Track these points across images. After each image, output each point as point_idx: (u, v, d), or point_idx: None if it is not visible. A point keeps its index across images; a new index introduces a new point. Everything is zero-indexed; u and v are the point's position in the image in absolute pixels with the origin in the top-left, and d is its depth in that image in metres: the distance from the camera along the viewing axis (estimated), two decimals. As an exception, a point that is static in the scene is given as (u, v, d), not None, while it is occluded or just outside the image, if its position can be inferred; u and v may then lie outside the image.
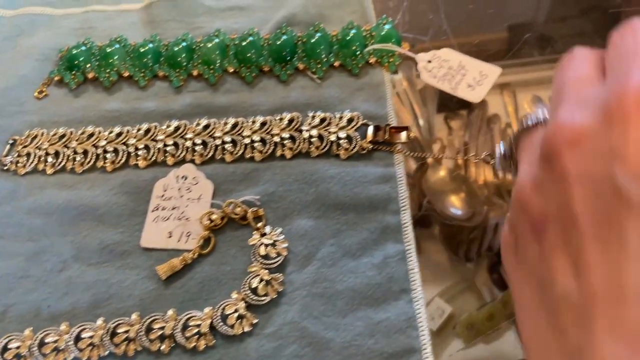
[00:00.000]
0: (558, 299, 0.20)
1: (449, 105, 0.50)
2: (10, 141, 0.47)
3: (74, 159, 0.45)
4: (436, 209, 0.46)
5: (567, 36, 0.54)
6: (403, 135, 0.43)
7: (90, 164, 0.44)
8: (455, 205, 0.47)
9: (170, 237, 0.40)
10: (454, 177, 0.48)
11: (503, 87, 0.52)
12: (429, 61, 0.49)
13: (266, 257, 0.39)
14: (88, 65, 0.50)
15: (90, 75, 0.50)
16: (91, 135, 0.46)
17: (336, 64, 0.49)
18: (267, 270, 0.38)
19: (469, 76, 0.48)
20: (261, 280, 0.37)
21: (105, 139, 0.45)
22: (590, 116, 0.20)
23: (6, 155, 0.46)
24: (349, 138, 0.44)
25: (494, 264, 0.46)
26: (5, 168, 0.45)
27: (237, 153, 0.44)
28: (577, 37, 0.54)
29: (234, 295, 0.37)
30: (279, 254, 0.39)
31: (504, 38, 0.54)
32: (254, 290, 0.37)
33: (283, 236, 0.40)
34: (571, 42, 0.54)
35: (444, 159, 0.45)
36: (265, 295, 0.37)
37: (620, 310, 0.18)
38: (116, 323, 0.37)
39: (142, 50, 0.50)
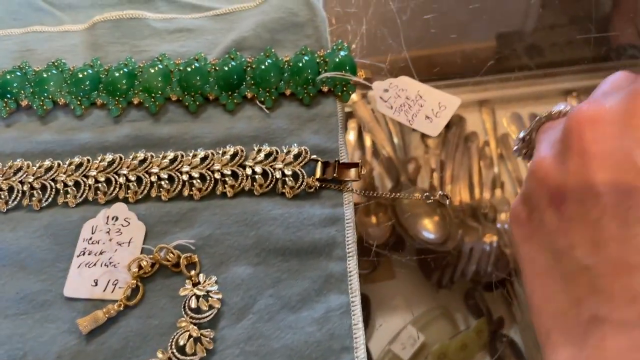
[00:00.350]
0: (575, 269, 0.21)
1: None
2: None
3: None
4: (409, 232, 0.43)
5: (555, 45, 0.52)
6: (352, 172, 0.40)
7: (16, 202, 0.41)
8: (429, 229, 0.44)
9: (95, 285, 0.37)
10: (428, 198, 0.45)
11: (482, 104, 0.50)
12: (386, 90, 0.46)
13: (197, 310, 0.35)
14: (22, 92, 0.47)
15: (23, 103, 0.46)
16: (19, 169, 0.42)
17: (287, 92, 0.46)
18: (196, 326, 0.35)
19: (427, 107, 0.45)
20: (190, 337, 0.34)
21: (33, 175, 0.42)
22: (614, 100, 0.21)
23: None
24: (294, 175, 0.41)
25: (469, 291, 0.43)
26: None
27: (174, 190, 0.41)
28: (565, 45, 0.52)
29: (160, 355, 0.34)
30: (211, 307, 0.35)
31: (476, 56, 0.51)
32: (182, 349, 0.34)
33: (217, 286, 0.36)
34: (559, 51, 0.52)
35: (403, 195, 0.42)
36: (194, 354, 0.34)
37: (636, 281, 0.19)
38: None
39: (80, 75, 0.47)
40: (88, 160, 0.42)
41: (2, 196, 0.41)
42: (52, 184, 0.41)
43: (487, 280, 0.43)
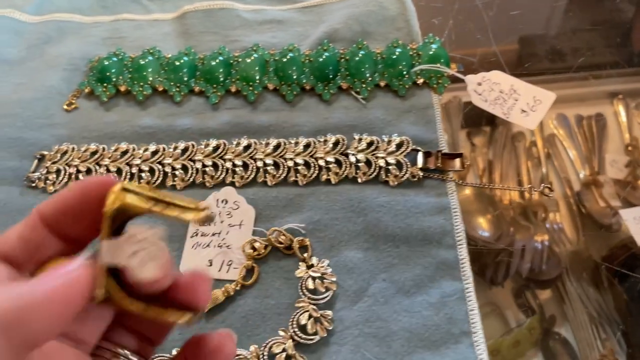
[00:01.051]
0: None
1: (473, 121, 0.48)
2: (38, 156, 0.44)
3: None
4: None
5: (577, 49, 0.52)
6: (457, 162, 0.41)
7: (124, 183, 0.42)
8: (483, 226, 0.45)
9: (210, 265, 0.38)
10: (480, 196, 0.46)
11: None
12: (479, 84, 0.47)
13: (314, 291, 0.36)
14: (120, 78, 0.48)
15: (122, 88, 0.48)
16: (125, 152, 0.43)
17: (381, 83, 0.47)
18: (315, 307, 0.35)
19: (522, 101, 0.46)
20: (310, 317, 0.35)
21: (140, 157, 0.43)
22: None
23: (34, 172, 0.43)
24: (398, 164, 0.41)
25: (519, 288, 0.44)
26: (33, 185, 0.43)
27: (279, 176, 0.42)
28: (587, 50, 0.52)
29: (281, 333, 0.35)
30: (327, 289, 0.36)
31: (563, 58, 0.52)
32: (303, 328, 0.35)
33: (331, 269, 0.37)
34: (581, 56, 0.52)
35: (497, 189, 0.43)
36: (315, 333, 0.35)
37: None
38: (156, 358, 0.34)
39: (177, 63, 0.48)
40: (193, 145, 0.43)
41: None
42: (160, 167, 0.42)
43: (539, 279, 0.43)
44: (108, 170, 0.42)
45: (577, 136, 0.49)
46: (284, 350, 0.34)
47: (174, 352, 0.34)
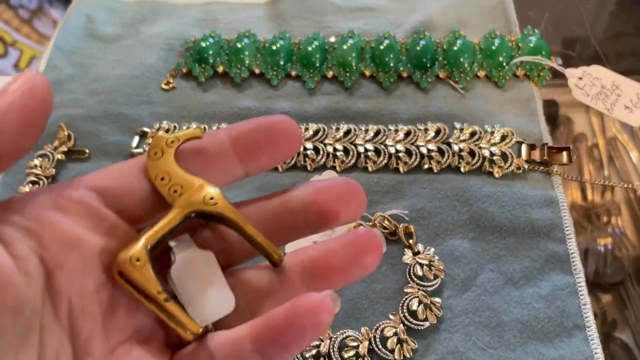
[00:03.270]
0: None
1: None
2: (140, 132, 0.45)
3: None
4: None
5: (620, 54, 0.51)
6: (564, 156, 0.41)
7: (226, 163, 0.43)
8: None
9: (315, 247, 0.38)
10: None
11: (589, 107, 0.49)
12: (580, 78, 0.46)
13: (422, 278, 0.36)
14: (217, 59, 0.49)
15: (220, 70, 0.48)
16: (226, 132, 0.44)
17: (480, 74, 0.46)
18: (424, 293, 0.35)
19: (625, 97, 0.45)
20: (420, 303, 0.35)
21: (241, 138, 0.43)
22: None
23: (136, 147, 0.44)
24: (503, 155, 0.41)
25: None
26: (136, 161, 0.43)
27: (380, 163, 0.42)
28: (630, 56, 0.51)
29: (392, 317, 0.35)
30: (436, 277, 0.36)
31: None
32: (413, 314, 0.35)
33: (437, 257, 0.37)
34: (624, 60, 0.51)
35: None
36: (425, 319, 0.35)
37: None
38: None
39: (274, 47, 0.48)
40: (292, 128, 0.44)
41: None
42: (261, 148, 0.43)
43: (601, 282, 0.42)
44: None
45: None
46: (395, 334, 0.34)
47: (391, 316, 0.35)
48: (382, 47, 0.47)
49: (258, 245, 0.21)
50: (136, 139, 0.45)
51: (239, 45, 0.49)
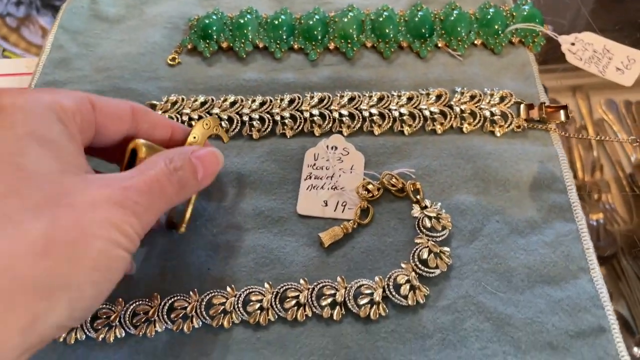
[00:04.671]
0: None
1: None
2: (148, 105, 0.46)
3: (220, 125, 0.44)
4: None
5: (609, 22, 0.53)
6: (562, 114, 0.42)
7: (236, 131, 0.44)
8: None
9: (326, 206, 0.40)
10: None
11: (576, 90, 0.51)
12: (572, 44, 0.48)
13: (431, 230, 0.38)
14: (221, 35, 0.50)
15: (224, 45, 0.49)
16: (234, 103, 0.45)
17: (477, 42, 0.48)
18: (434, 243, 0.37)
19: (616, 60, 0.47)
20: (430, 252, 0.36)
21: (249, 108, 0.45)
22: None
23: (145, 120, 0.45)
24: (503, 115, 0.43)
25: None
26: (147, 132, 0.44)
27: (385, 126, 0.43)
28: (602, 34, 0.53)
29: (404, 265, 0.36)
30: (444, 227, 0.38)
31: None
32: (424, 262, 0.36)
33: (444, 210, 0.39)
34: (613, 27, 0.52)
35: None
36: (436, 267, 0.36)
37: None
38: (285, 287, 0.36)
39: (276, 22, 0.49)
40: (298, 97, 0.45)
41: (223, 125, 0.44)
42: (269, 116, 0.44)
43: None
44: (220, 119, 0.44)
45: (627, 120, 0.50)
46: (407, 281, 0.35)
47: (403, 265, 0.36)
48: (381, 19, 0.49)
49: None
50: (145, 112, 0.46)
51: (241, 21, 0.50)
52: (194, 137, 0.36)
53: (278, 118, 0.44)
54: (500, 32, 0.48)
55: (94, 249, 0.23)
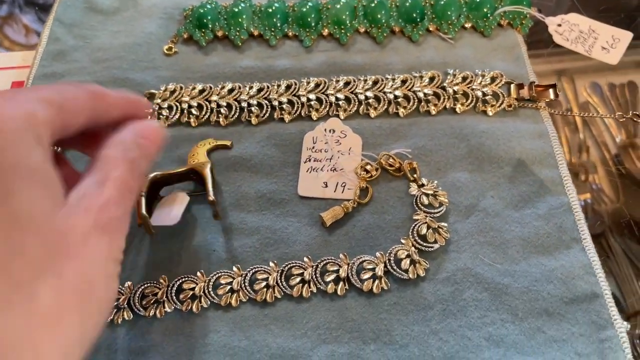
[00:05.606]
0: None
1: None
2: (147, 95, 0.47)
3: (219, 112, 0.45)
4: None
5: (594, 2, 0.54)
6: (551, 92, 0.44)
7: (235, 117, 0.45)
8: None
9: (326, 187, 0.41)
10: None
11: (561, 74, 0.52)
12: (559, 25, 0.49)
13: (428, 206, 0.39)
14: (216, 24, 0.51)
15: (220, 34, 0.50)
16: (231, 90, 0.46)
17: (467, 25, 0.49)
18: (432, 219, 0.38)
19: (601, 39, 0.48)
20: (428, 227, 0.38)
21: (247, 94, 0.45)
22: None
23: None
24: (495, 95, 0.44)
25: None
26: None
27: (381, 108, 0.44)
28: (588, 15, 0.54)
29: (404, 241, 0.37)
30: (441, 204, 0.39)
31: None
32: (423, 238, 0.37)
33: (440, 188, 0.40)
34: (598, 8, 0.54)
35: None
36: (434, 242, 0.37)
37: None
38: (289, 266, 0.37)
39: (270, 10, 0.50)
40: (295, 83, 0.46)
41: (222, 112, 0.45)
42: (267, 102, 0.45)
43: None
44: (218, 106, 0.45)
45: (611, 103, 0.51)
46: (408, 256, 0.37)
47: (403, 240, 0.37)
48: (373, 5, 0.50)
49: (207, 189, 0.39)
50: (144, 101, 0.46)
51: (236, 10, 0.51)
52: (195, 160, 0.41)
53: (276, 103, 0.45)
54: (489, 15, 0.49)
55: (99, 294, 0.23)
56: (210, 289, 0.36)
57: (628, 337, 0.34)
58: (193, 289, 0.36)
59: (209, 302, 0.36)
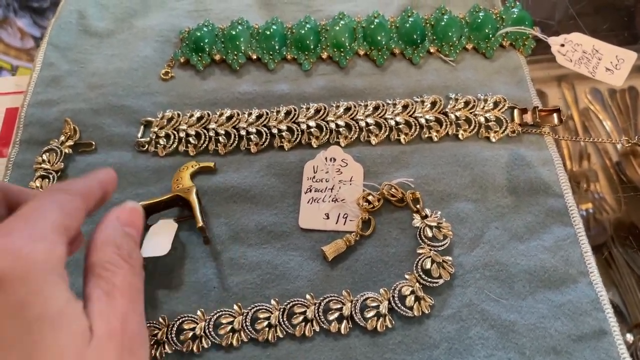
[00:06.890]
0: None
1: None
2: (144, 122, 0.46)
3: (217, 140, 0.44)
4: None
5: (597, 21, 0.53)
6: (555, 117, 0.43)
7: (234, 145, 0.44)
8: None
9: (327, 218, 0.40)
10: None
11: (561, 79, 0.52)
12: (562, 45, 0.49)
13: (432, 239, 0.38)
14: (213, 47, 0.50)
15: (217, 57, 0.49)
16: (230, 117, 0.45)
17: (468, 46, 0.49)
18: (436, 252, 0.37)
19: (605, 60, 0.47)
20: (433, 262, 0.37)
21: (246, 122, 0.45)
22: None
23: (142, 137, 0.45)
24: (498, 120, 0.43)
25: None
26: (144, 149, 0.44)
27: (382, 135, 0.44)
28: (591, 34, 0.54)
29: (408, 276, 0.37)
30: (445, 237, 0.38)
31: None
32: (427, 272, 0.37)
33: (444, 219, 0.39)
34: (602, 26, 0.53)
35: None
36: (439, 277, 0.37)
37: None
38: (291, 304, 0.36)
39: (267, 32, 0.50)
40: (294, 109, 0.45)
41: (221, 140, 0.44)
42: (266, 130, 0.44)
43: None
44: (217, 134, 0.44)
45: (612, 109, 0.50)
46: (412, 292, 0.36)
47: (407, 276, 0.36)
48: (372, 26, 0.49)
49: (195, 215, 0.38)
50: (142, 128, 0.46)
51: (233, 33, 0.50)
52: (180, 185, 0.41)
53: (275, 131, 0.44)
54: (490, 35, 0.48)
55: None
56: (211, 329, 0.35)
57: (632, 348, 0.33)
58: (194, 329, 0.36)
59: (209, 343, 0.35)
